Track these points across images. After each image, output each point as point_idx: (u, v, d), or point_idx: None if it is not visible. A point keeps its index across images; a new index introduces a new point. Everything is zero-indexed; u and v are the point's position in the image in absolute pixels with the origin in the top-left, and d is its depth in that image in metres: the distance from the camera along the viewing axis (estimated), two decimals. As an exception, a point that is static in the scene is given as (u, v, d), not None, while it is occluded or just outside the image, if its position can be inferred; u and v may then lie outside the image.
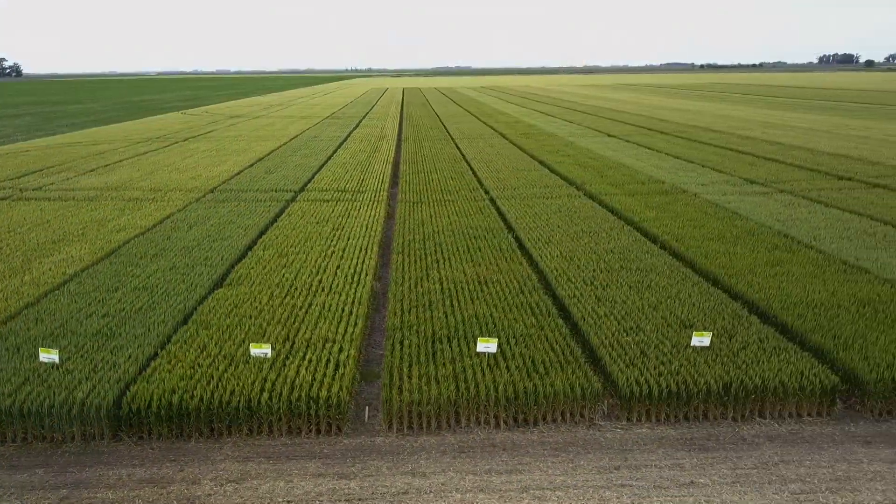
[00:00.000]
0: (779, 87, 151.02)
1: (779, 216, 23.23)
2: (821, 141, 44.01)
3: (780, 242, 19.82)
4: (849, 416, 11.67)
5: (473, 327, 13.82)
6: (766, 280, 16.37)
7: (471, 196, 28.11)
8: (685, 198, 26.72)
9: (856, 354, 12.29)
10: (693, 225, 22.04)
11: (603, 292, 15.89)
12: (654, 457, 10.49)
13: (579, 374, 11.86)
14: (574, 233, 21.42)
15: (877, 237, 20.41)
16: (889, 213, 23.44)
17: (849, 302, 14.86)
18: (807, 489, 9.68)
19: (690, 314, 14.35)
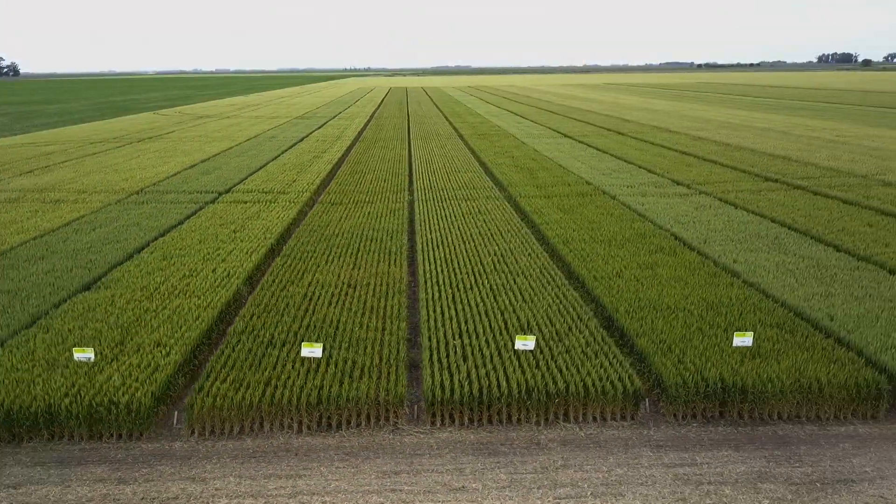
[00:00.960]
0: (763, 86, 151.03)
1: (682, 218, 23.30)
2: (770, 142, 44.06)
3: (667, 245, 19.90)
4: (653, 420, 11.74)
5: (314, 332, 13.89)
6: (628, 283, 16.45)
7: (393, 198, 28.19)
8: (602, 200, 26.79)
9: (671, 358, 12.36)
10: (591, 228, 22.11)
11: (462, 295, 15.98)
12: (438, 461, 10.57)
13: (392, 378, 11.93)
14: (470, 235, 21.50)
15: (767, 239, 20.48)
16: (792, 214, 23.51)
17: (697, 305, 14.94)
18: (572, 493, 9.77)
19: (533, 317, 14.44)
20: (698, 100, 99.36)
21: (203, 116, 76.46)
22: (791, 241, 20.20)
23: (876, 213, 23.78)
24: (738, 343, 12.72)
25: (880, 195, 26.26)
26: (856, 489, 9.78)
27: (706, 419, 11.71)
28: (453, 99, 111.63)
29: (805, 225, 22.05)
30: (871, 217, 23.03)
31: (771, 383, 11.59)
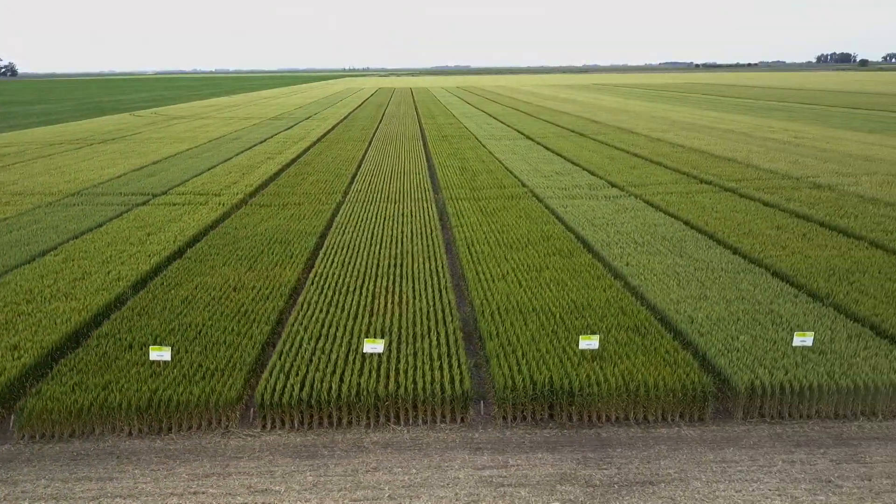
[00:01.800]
0: (750, 87, 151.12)
1: (597, 221, 23.43)
2: (726, 144, 44.17)
3: (567, 247, 20.04)
4: (483, 423, 11.89)
5: (176, 336, 14.02)
6: (509, 286, 16.59)
7: (325, 199, 28.35)
8: (528, 202, 26.93)
9: (511, 361, 12.50)
10: (503, 231, 22.25)
11: (342, 298, 16.11)
12: (254, 464, 10.71)
13: (229, 381, 12.07)
14: (381, 237, 21.64)
15: (671, 242, 20.59)
16: (707, 217, 23.62)
17: (563, 308, 15.09)
18: (370, 496, 9.92)
19: (398, 320, 14.58)
20: (678, 101, 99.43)
21: (177, 117, 76.60)
22: (693, 244, 20.33)
23: (790, 215, 23.92)
24: (584, 346, 12.86)
25: (802, 197, 26.38)
26: (649, 491, 9.92)
27: (535, 421, 11.85)
28: (436, 100, 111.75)
29: (715, 227, 22.18)
30: (784, 219, 23.16)
31: (598, 386, 11.72)
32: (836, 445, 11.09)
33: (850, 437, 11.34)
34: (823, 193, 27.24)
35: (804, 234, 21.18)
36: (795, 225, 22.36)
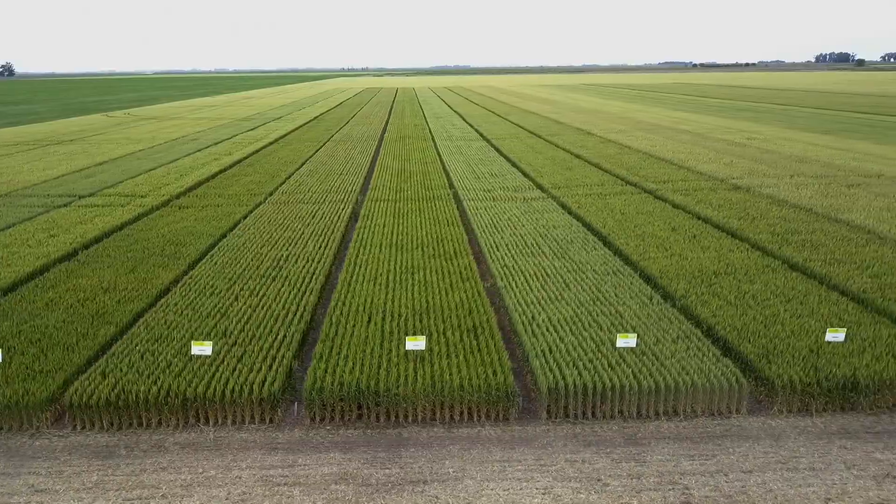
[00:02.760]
0: (734, 87, 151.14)
1: (501, 223, 23.64)
2: (674, 145, 44.34)
3: (454, 249, 20.27)
4: (290, 423, 12.11)
5: (19, 339, 14.24)
6: (377, 289, 16.78)
7: (246, 201, 28.54)
8: (444, 204, 27.16)
9: (329, 363, 12.72)
10: (402, 232, 22.49)
11: (195, 300, 16.32)
12: (47, 464, 10.95)
13: (44, 384, 12.28)
14: (276, 240, 21.81)
15: (560, 244, 20.78)
16: (610, 219, 23.81)
17: (406, 310, 15.31)
18: (145, 495, 10.12)
19: (249, 324, 14.80)
20: (656, 101, 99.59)
21: (149, 118, 76.88)
22: (580, 246, 20.53)
23: (692, 217, 24.10)
24: (410, 347, 13.08)
25: (715, 199, 26.58)
26: (418, 490, 10.14)
27: (343, 422, 12.06)
28: (416, 100, 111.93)
29: (611, 229, 22.39)
30: (684, 221, 23.35)
31: (404, 386, 11.94)
32: (625, 445, 11.29)
33: (642, 436, 11.54)
34: (737, 195, 27.43)
35: (694, 235, 21.38)
36: (691, 226, 22.54)
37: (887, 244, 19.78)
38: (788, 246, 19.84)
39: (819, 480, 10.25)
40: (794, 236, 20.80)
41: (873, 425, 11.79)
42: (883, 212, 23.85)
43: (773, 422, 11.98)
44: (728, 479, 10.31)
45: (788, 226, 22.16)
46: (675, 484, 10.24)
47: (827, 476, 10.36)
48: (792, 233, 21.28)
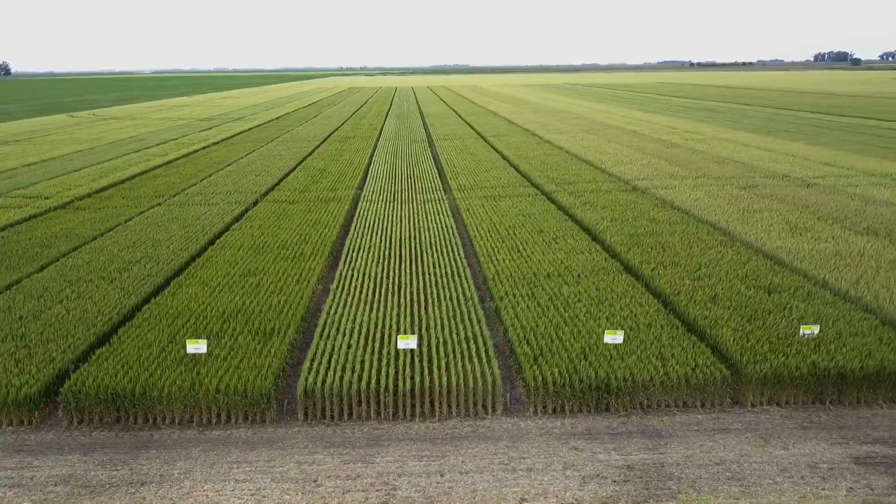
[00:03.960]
0: (717, 87, 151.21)
1: (378, 226, 23.84)
2: (610, 147, 44.49)
3: (309, 251, 20.46)
4: (62, 427, 12.29)
5: None
6: (197, 289, 16.97)
7: (143, 203, 28.69)
8: (336, 206, 27.34)
9: (91, 367, 12.91)
10: (275, 233, 22.68)
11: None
12: None
13: None
14: (160, 239, 21.92)
15: (408, 247, 20.95)
16: (484, 222, 23.97)
17: (220, 313, 15.47)
18: None
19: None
20: (625, 101, 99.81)
21: (112, 118, 77.19)
22: (439, 250, 20.67)
23: (568, 218, 24.27)
24: (191, 350, 13.24)
25: (602, 201, 26.73)
26: (132, 491, 10.34)
27: (103, 424, 12.24)
28: (390, 99, 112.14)
29: (482, 232, 22.59)
30: (558, 222, 23.52)
31: (158, 390, 12.12)
32: (366, 446, 11.47)
33: (386, 438, 11.72)
34: (628, 196, 27.57)
35: (555, 238, 21.54)
36: (560, 228, 22.71)
37: (734, 246, 19.94)
38: (637, 248, 20.00)
39: (528, 481, 10.43)
40: (650, 238, 20.96)
41: (620, 426, 11.96)
42: (751, 213, 24.02)
43: (523, 423, 12.16)
44: (440, 481, 10.48)
45: (652, 227, 22.32)
46: (386, 485, 10.41)
47: (538, 476, 10.53)
48: (650, 234, 21.44)
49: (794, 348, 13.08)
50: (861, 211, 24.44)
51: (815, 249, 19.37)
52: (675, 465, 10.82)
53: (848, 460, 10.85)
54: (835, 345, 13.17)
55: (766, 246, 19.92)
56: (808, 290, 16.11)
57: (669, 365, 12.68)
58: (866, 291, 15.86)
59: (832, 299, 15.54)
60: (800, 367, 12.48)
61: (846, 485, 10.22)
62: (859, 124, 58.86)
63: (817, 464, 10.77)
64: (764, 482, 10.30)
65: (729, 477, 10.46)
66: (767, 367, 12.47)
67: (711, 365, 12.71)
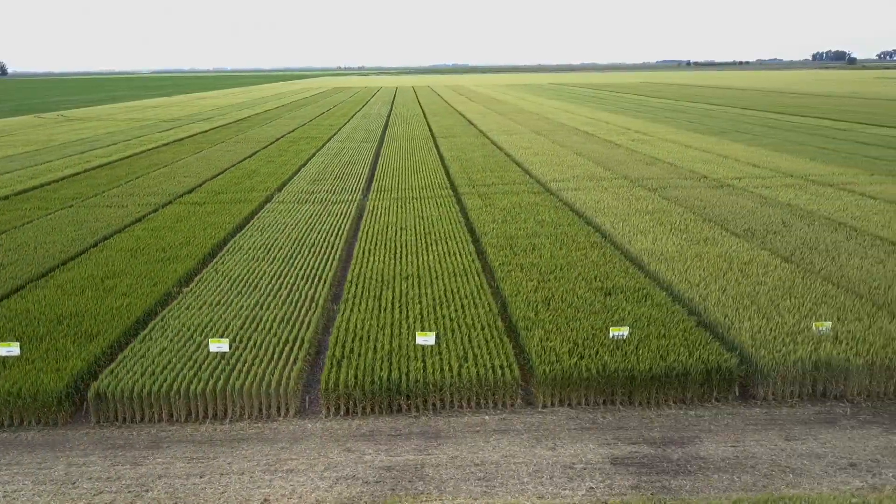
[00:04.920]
0: (697, 86, 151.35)
1: (276, 225, 24.01)
2: (547, 147, 44.63)
3: (186, 253, 20.58)
4: None
5: None
6: (47, 292, 17.12)
7: (52, 208, 28.84)
8: (242, 206, 27.49)
9: None
10: (167, 234, 22.80)
11: None
12: None
13: None
14: (71, 238, 22.08)
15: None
16: (376, 224, 24.12)
17: (57, 314, 15.64)
18: None
19: None
20: (597, 101, 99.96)
21: (78, 119, 77.46)
22: (309, 251, 20.85)
23: (462, 221, 24.38)
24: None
25: (504, 203, 26.85)
26: None
27: None
28: (366, 99, 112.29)
29: (367, 235, 22.69)
30: (449, 227, 23.62)
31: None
32: (146, 448, 11.60)
33: (169, 440, 11.86)
34: (534, 199, 27.70)
35: (436, 241, 21.68)
36: (447, 231, 22.83)
37: (603, 247, 20.06)
38: (508, 249, 20.12)
39: (282, 482, 10.55)
40: (526, 240, 21.07)
41: (405, 427, 12.09)
42: (641, 215, 24.17)
43: (311, 424, 12.29)
44: (197, 482, 10.61)
45: (536, 229, 22.44)
46: (141, 486, 10.53)
47: (295, 478, 10.66)
48: (529, 236, 21.57)
49: (594, 350, 13.21)
50: (753, 212, 24.59)
51: (680, 251, 19.50)
52: (436, 466, 10.96)
53: (606, 461, 10.99)
54: (637, 346, 13.31)
55: (634, 247, 20.05)
56: (647, 292, 16.24)
57: (465, 366, 12.82)
58: (700, 292, 15.99)
59: (665, 301, 15.68)
60: (590, 368, 12.61)
61: (588, 485, 10.36)
62: (814, 125, 59.00)
63: (574, 465, 10.91)
64: (510, 483, 10.45)
65: (479, 478, 10.60)
66: (558, 368, 12.60)
67: (508, 366, 12.85)
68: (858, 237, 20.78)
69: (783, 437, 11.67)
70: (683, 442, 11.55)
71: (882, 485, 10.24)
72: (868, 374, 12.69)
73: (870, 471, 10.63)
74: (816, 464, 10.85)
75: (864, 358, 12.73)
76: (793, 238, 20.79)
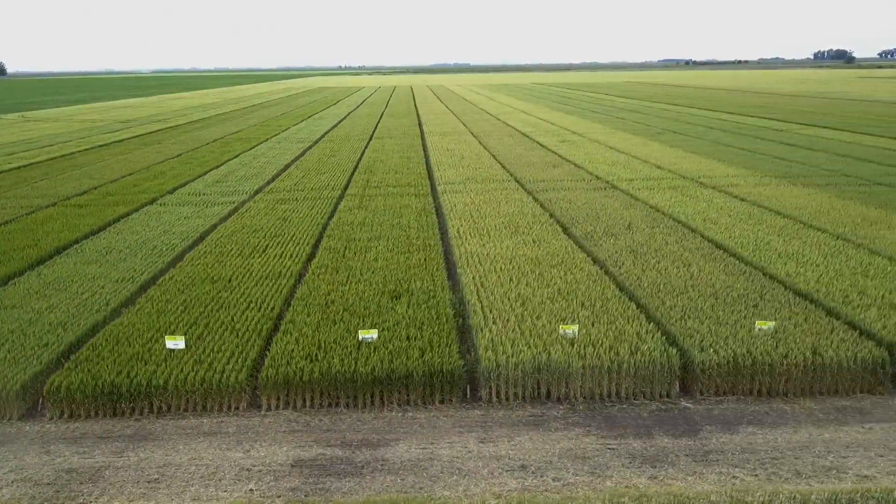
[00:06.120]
0: (673, 86, 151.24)
1: (166, 228, 24.21)
2: (469, 150, 44.78)
3: (32, 255, 20.80)
4: None
5: None
6: None
7: None
8: (122, 208, 27.70)
9: None
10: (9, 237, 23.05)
11: None
12: None
13: None
14: None
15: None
16: (245, 223, 24.34)
17: None
18: None
19: None
20: (562, 102, 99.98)
21: (39, 120, 77.94)
22: (162, 250, 21.05)
23: (313, 225, 24.55)
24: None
25: (373, 206, 27.03)
26: None
27: None
28: (335, 98, 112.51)
29: (227, 239, 22.88)
30: (308, 228, 23.81)
31: None
32: None
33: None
34: (413, 201, 27.87)
35: (282, 243, 21.86)
36: (301, 232, 23.03)
37: (427, 249, 20.23)
38: (343, 252, 20.31)
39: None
40: (356, 244, 21.26)
41: (121, 430, 12.28)
42: (492, 217, 24.32)
43: (33, 427, 12.48)
44: None
45: (379, 231, 22.62)
46: None
47: (-26, 480, 10.86)
48: (377, 238, 21.73)
49: (337, 352, 13.38)
50: (611, 214, 24.59)
51: (502, 253, 19.62)
52: (119, 468, 11.06)
53: (288, 463, 11.15)
54: (377, 349, 13.47)
55: (460, 251, 20.19)
56: (433, 295, 16.40)
57: (194, 368, 12.99)
58: (482, 296, 16.14)
59: (444, 303, 15.83)
60: (313, 371, 12.79)
61: (249, 487, 10.53)
62: (754, 125, 59.04)
63: (253, 467, 11.06)
64: (175, 485, 10.60)
65: (151, 480, 10.73)
66: (282, 371, 12.78)
67: (238, 371, 13.02)
68: (689, 240, 20.89)
69: (479, 439, 11.82)
70: (380, 444, 11.71)
71: (537, 487, 10.39)
72: (588, 376, 12.84)
73: (535, 473, 10.79)
74: (489, 465, 11.01)
75: (584, 361, 12.86)
76: (624, 241, 20.89)
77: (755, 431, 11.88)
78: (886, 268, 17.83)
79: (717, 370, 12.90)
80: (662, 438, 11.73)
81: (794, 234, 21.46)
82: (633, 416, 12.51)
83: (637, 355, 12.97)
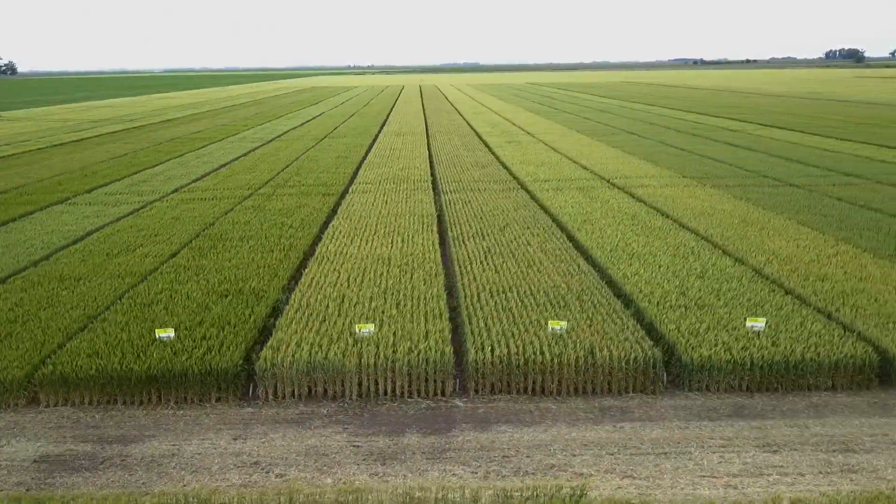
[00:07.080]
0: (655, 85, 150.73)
1: (61, 227, 24.53)
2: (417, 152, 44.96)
3: None
4: None
5: None
6: None
7: None
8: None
9: None
10: None
11: None
12: None
13: None
14: None
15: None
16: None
17: None
18: None
19: None
20: (541, 102, 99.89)
21: (15, 119, 78.89)
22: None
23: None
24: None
25: (270, 206, 27.22)
26: None
27: None
28: (316, 98, 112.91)
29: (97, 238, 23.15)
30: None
31: None
32: None
33: None
34: (317, 201, 28.06)
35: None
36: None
37: (288, 251, 20.40)
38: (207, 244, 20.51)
39: None
40: (223, 243, 21.44)
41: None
42: (381, 217, 24.47)
43: None
44: None
45: (255, 231, 22.84)
46: None
47: None
48: (246, 238, 21.94)
49: (126, 350, 13.57)
50: (501, 215, 24.59)
51: (366, 254, 19.75)
52: None
53: (31, 459, 11.35)
54: (166, 347, 13.65)
55: (327, 250, 20.34)
56: (259, 295, 16.57)
57: None
58: (302, 292, 16.29)
59: (261, 303, 15.99)
60: (90, 368, 12.98)
61: None
62: (715, 125, 58.86)
63: None
64: None
65: None
66: (59, 368, 12.98)
67: (21, 368, 13.21)
68: (553, 241, 20.93)
69: (234, 437, 11.97)
70: (133, 441, 11.87)
71: (256, 482, 10.53)
72: (364, 374, 12.98)
73: (264, 469, 10.93)
74: (225, 462, 11.15)
75: (361, 359, 13.00)
76: (489, 241, 20.86)
77: (506, 430, 11.97)
78: (727, 269, 17.85)
79: (490, 368, 12.98)
80: (412, 436, 11.84)
81: (663, 235, 21.46)
82: (399, 414, 12.62)
83: (412, 354, 13.07)
